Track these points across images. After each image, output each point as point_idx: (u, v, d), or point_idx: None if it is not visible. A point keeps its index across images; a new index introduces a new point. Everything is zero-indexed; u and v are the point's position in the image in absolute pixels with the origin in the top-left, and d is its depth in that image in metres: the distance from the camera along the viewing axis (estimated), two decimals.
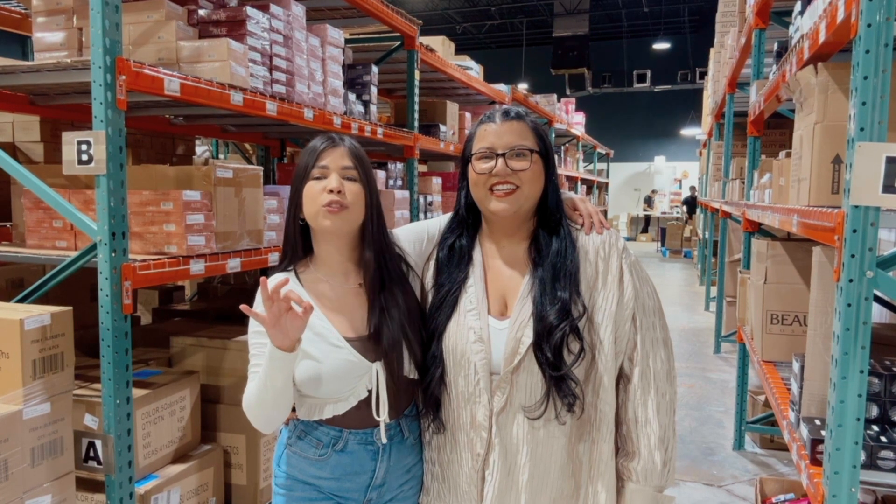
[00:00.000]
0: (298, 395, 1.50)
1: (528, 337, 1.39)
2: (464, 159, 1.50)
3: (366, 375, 1.45)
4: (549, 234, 1.47)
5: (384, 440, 1.47)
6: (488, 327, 1.44)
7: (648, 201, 21.49)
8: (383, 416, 1.46)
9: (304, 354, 1.43)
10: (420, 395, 1.52)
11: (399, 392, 1.48)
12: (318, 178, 1.46)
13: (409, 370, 1.48)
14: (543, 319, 1.38)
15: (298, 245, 1.52)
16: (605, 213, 19.25)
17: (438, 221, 1.64)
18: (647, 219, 21.42)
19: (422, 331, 1.50)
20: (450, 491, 1.50)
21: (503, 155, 1.42)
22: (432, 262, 1.57)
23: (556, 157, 1.53)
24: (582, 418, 1.43)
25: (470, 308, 1.45)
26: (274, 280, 1.46)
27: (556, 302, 1.38)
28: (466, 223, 1.55)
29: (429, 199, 4.75)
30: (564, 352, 1.37)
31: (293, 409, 1.54)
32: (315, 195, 1.45)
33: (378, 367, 1.45)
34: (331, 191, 1.43)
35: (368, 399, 1.46)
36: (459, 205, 1.56)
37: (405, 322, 1.47)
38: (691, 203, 17.34)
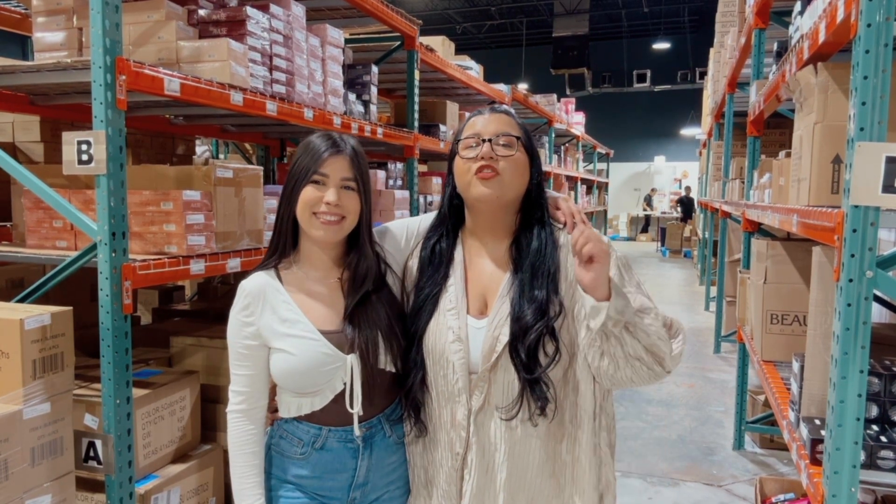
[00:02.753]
0: (279, 393, 1.54)
1: (504, 335, 1.39)
2: (451, 155, 1.51)
3: (341, 368, 1.46)
4: (531, 234, 1.47)
5: (357, 432, 1.48)
6: (467, 326, 1.44)
7: (648, 200, 21.47)
8: (356, 409, 1.47)
9: (281, 349, 1.46)
10: (402, 398, 1.53)
11: (375, 385, 1.49)
12: (316, 183, 1.46)
13: (385, 362, 1.48)
14: (520, 320, 1.38)
15: (289, 241, 1.54)
16: (604, 213, 19.28)
17: (419, 220, 1.65)
18: (647, 219, 21.39)
19: (400, 326, 1.51)
20: (430, 489, 1.51)
21: (489, 140, 1.43)
22: (415, 262, 1.58)
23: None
24: (563, 419, 1.42)
25: (450, 307, 1.46)
26: (253, 281, 1.50)
27: (532, 302, 1.39)
28: (449, 222, 1.56)
29: (429, 199, 4.75)
30: (540, 354, 1.37)
31: (276, 410, 1.57)
32: (311, 202, 1.46)
33: (353, 359, 1.47)
34: (328, 203, 1.45)
35: (345, 393, 1.47)
36: (443, 203, 1.57)
37: (381, 315, 1.49)
38: (686, 203, 17.32)
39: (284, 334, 1.46)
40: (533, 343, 1.36)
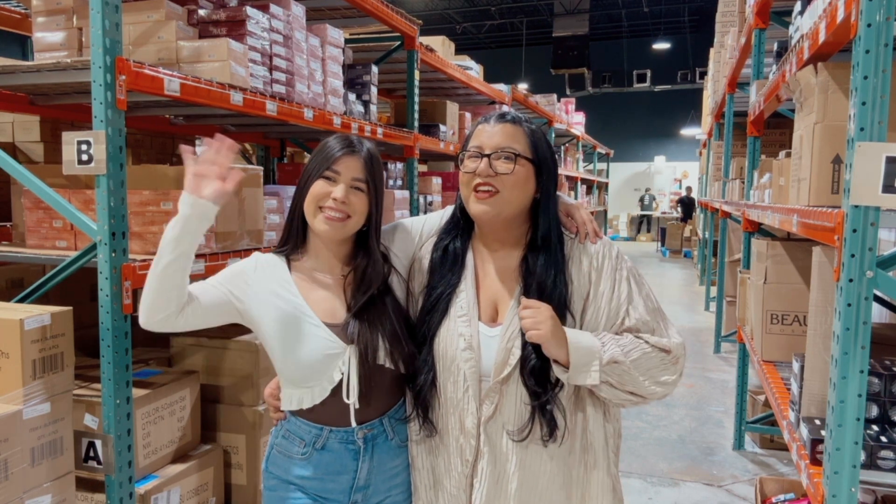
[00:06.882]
0: (281, 385, 1.55)
1: (517, 348, 1.39)
2: (460, 160, 1.50)
3: (339, 357, 1.47)
4: (541, 252, 1.44)
5: (353, 423, 1.48)
6: (479, 334, 1.43)
7: (643, 201, 21.44)
8: (352, 400, 1.47)
9: (283, 337, 1.47)
10: (410, 398, 1.53)
11: (374, 383, 1.48)
12: (327, 179, 1.47)
13: (384, 359, 1.48)
14: (530, 348, 1.38)
15: (299, 234, 1.55)
16: (605, 213, 19.28)
17: (424, 220, 1.64)
18: (642, 219, 21.35)
19: (404, 330, 1.50)
20: (437, 492, 1.50)
21: (489, 155, 1.40)
22: (425, 262, 1.56)
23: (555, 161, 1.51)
24: (574, 435, 1.42)
25: (461, 314, 1.45)
26: (267, 256, 1.54)
27: None
28: (461, 225, 1.54)
29: (429, 199, 4.75)
30: (551, 376, 1.37)
31: (280, 410, 1.56)
32: (319, 196, 1.47)
33: (351, 350, 1.47)
34: (335, 198, 1.45)
35: (342, 385, 1.47)
36: (456, 205, 1.55)
37: (385, 318, 1.49)
38: (687, 204, 17.33)
39: (288, 323, 1.47)
40: (544, 369, 1.36)
